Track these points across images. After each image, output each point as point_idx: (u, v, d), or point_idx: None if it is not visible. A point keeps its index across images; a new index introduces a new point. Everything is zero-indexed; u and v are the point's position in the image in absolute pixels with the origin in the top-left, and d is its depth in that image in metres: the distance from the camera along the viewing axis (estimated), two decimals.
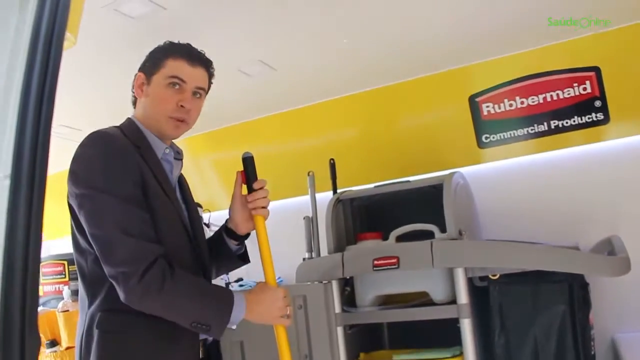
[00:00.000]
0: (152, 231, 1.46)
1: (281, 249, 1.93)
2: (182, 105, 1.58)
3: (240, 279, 2.74)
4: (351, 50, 2.35)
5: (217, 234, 1.74)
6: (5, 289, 0.66)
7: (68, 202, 1.54)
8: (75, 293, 3.05)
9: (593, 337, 2.00)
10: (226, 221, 1.72)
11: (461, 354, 1.98)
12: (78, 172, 1.49)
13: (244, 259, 1.73)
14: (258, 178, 1.65)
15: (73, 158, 1.51)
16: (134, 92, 1.67)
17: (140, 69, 1.65)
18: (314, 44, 2.29)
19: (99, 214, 1.44)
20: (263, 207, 1.66)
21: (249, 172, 1.66)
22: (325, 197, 2.43)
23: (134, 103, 1.69)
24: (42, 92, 0.78)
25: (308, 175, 2.37)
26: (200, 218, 1.77)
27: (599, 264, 1.84)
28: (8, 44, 0.79)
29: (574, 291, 1.88)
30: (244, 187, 1.65)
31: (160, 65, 1.61)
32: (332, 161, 2.53)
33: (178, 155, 1.66)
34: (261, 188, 1.66)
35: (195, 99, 1.62)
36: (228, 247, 1.71)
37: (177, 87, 1.60)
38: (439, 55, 2.50)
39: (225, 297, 1.50)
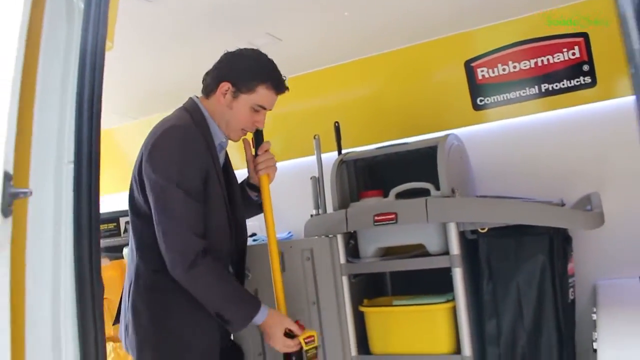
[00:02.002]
0: (202, 224, 1.80)
1: (290, 206, 2.15)
2: (256, 126, 1.96)
3: (254, 234, 2.96)
4: (352, 21, 2.51)
5: (241, 187, 2.09)
6: (76, 247, 0.86)
7: (138, 173, 1.83)
8: (107, 250, 3.30)
9: (572, 285, 2.22)
10: (247, 177, 2.09)
11: (453, 299, 2.21)
12: (156, 159, 1.79)
13: (261, 207, 2.07)
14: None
15: (153, 144, 1.82)
16: (211, 86, 1.93)
17: (229, 79, 1.90)
18: (317, 16, 2.45)
19: (166, 204, 1.77)
20: (268, 167, 2.00)
21: (256, 138, 2.03)
22: (330, 157, 2.62)
23: (208, 91, 1.93)
24: (92, 92, 0.97)
25: (314, 138, 2.56)
26: (237, 186, 2.08)
27: (575, 218, 2.04)
28: (61, 53, 0.98)
29: (554, 243, 2.09)
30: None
31: (251, 89, 1.88)
32: (336, 124, 2.71)
33: (226, 140, 1.98)
34: (265, 151, 2.01)
35: None
36: (250, 198, 2.08)
37: (257, 110, 1.88)
38: (436, 23, 2.65)
39: (251, 307, 1.88)
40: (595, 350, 2.16)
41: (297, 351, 1.93)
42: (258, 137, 2.04)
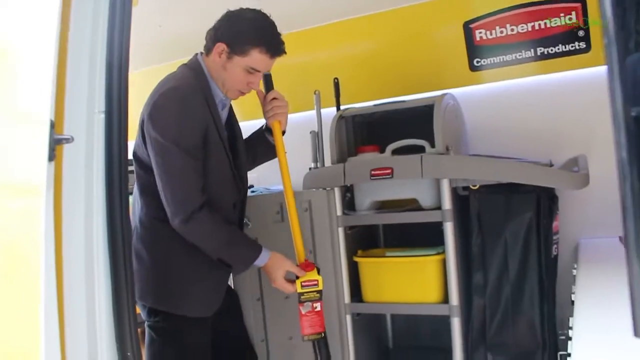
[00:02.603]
0: (201, 181, 1.87)
1: (290, 159, 2.22)
2: (251, 87, 1.98)
3: (252, 186, 3.04)
4: None
5: (259, 132, 2.20)
6: (108, 191, 0.95)
7: (141, 127, 1.91)
8: None
9: (556, 242, 2.34)
10: (266, 123, 2.15)
11: (443, 252, 2.33)
12: (156, 118, 1.85)
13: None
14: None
15: (154, 104, 1.88)
16: (209, 45, 1.96)
17: (224, 40, 1.93)
18: None
19: (165, 161, 1.85)
20: (275, 114, 2.06)
21: (265, 84, 2.07)
22: (329, 112, 2.69)
23: (207, 49, 1.98)
24: (121, 47, 1.04)
25: (314, 94, 2.62)
26: (242, 138, 2.15)
27: (562, 179, 2.15)
28: (89, 11, 1.04)
29: (541, 201, 2.20)
30: None
31: (244, 52, 1.90)
32: (336, 80, 2.76)
33: (226, 98, 2.02)
34: (274, 99, 2.06)
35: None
36: (268, 142, 2.16)
37: (252, 73, 1.91)
38: None
39: (251, 251, 1.99)
40: (573, 303, 2.30)
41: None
42: (267, 82, 2.08)
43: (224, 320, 2.16)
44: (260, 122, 2.20)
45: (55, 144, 0.89)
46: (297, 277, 2.04)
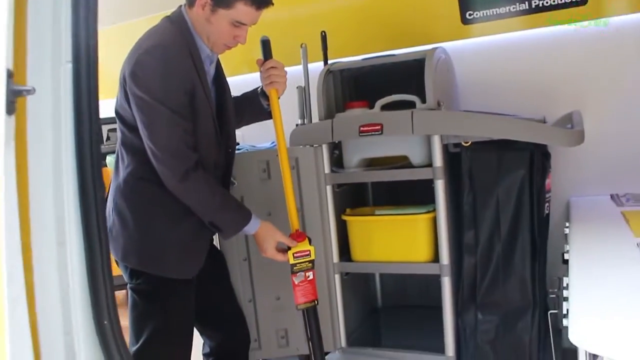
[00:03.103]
0: (192, 139, 1.82)
1: None
2: (237, 41, 1.89)
3: (238, 144, 2.96)
4: None
5: (253, 93, 2.15)
6: (78, 147, 0.87)
7: (122, 85, 1.82)
8: None
9: (548, 200, 2.29)
10: (261, 86, 2.10)
11: (434, 210, 2.28)
12: (140, 76, 1.76)
13: (271, 115, 2.10)
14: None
15: (136, 61, 1.82)
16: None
17: None
18: None
19: (152, 121, 1.78)
20: (273, 82, 2.03)
21: (264, 53, 2.05)
22: (317, 67, 2.59)
23: (190, 1, 1.87)
24: None
25: (301, 47, 2.52)
26: (230, 96, 2.08)
27: (556, 135, 2.09)
28: None
29: (534, 159, 2.14)
30: None
31: (229, 4, 1.81)
32: (323, 33, 2.66)
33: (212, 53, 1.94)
34: (272, 67, 2.02)
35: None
36: (261, 105, 2.12)
37: (237, 26, 1.82)
38: None
39: (242, 217, 1.95)
40: (565, 262, 2.26)
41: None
42: (265, 50, 2.06)
43: (210, 282, 2.11)
44: (248, 78, 2.13)
45: (15, 96, 0.80)
46: (289, 248, 2.00)
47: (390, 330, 2.86)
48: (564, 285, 1.69)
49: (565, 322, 1.55)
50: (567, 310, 1.52)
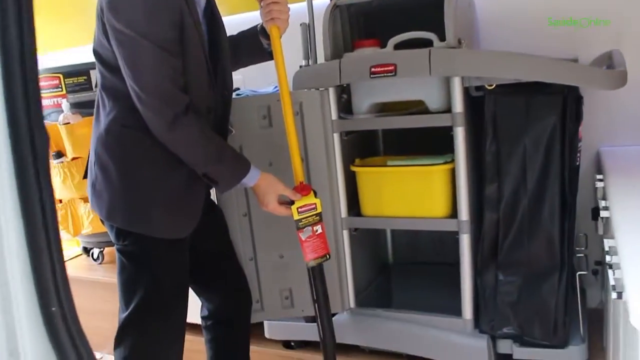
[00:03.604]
0: (182, 79, 1.59)
1: None
2: None
3: (237, 89, 2.74)
4: None
5: (252, 31, 1.93)
6: (7, 96, 0.66)
7: (100, 18, 1.59)
8: (74, 106, 3.08)
9: (580, 149, 2.06)
10: (262, 23, 1.87)
11: (452, 160, 2.06)
12: (119, 7, 1.52)
13: (271, 56, 1.88)
14: None
15: None
16: None
17: None
18: None
19: (136, 59, 1.54)
20: (274, 18, 1.80)
21: None
22: (322, 2, 2.34)
23: None
24: None
25: None
26: (224, 32, 1.85)
27: (595, 77, 1.84)
28: None
29: (567, 104, 1.90)
30: None
31: None
32: None
33: None
34: (273, 2, 1.78)
35: None
36: (260, 44, 1.91)
37: None
38: None
39: (240, 167, 1.75)
40: (595, 217, 2.07)
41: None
42: None
43: (207, 239, 1.91)
44: (247, 17, 1.89)
45: None
46: (292, 202, 1.82)
47: (401, 289, 2.68)
48: (606, 248, 1.48)
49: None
50: (609, 278, 1.33)
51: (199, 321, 2.07)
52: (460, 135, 1.98)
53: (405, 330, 2.24)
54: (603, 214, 1.80)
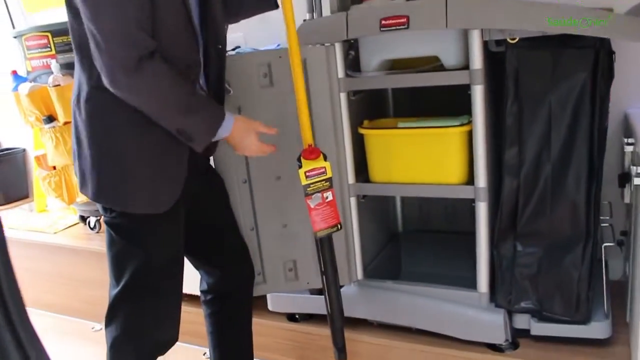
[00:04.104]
0: (149, 20, 1.37)
1: (278, 10, 1.76)
2: None
3: (238, 47, 2.57)
4: None
5: None
6: None
7: None
8: (65, 67, 2.91)
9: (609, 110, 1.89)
10: None
11: (469, 122, 1.90)
12: None
13: (276, 4, 1.74)
14: None
15: None
16: None
17: None
18: None
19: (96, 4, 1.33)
20: None
21: None
22: None
23: None
24: None
25: None
26: None
27: (632, 28, 1.65)
28: None
29: (599, 59, 1.72)
30: None
31: None
32: None
33: None
34: None
35: None
36: None
37: None
38: None
39: (216, 115, 1.54)
40: (622, 184, 1.91)
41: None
42: None
43: (206, 208, 1.77)
44: None
45: None
46: (300, 166, 1.67)
47: (411, 260, 2.55)
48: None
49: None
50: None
51: (197, 292, 1.95)
52: (478, 95, 1.81)
53: (416, 303, 2.11)
54: (636, 181, 1.64)
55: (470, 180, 1.93)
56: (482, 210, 1.91)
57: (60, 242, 3.09)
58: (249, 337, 1.98)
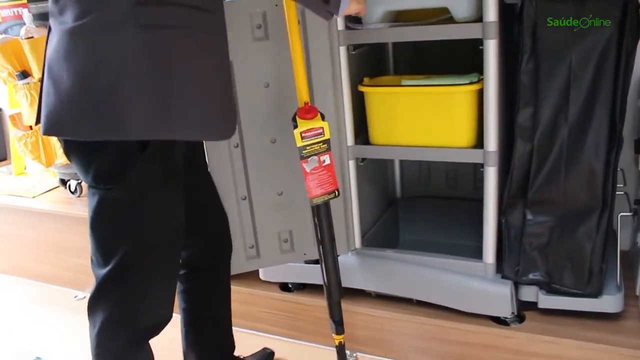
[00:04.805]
0: None
1: None
2: None
3: None
4: None
5: None
6: None
7: None
8: (38, 17, 2.69)
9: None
10: None
11: (479, 81, 1.75)
12: None
13: None
14: None
15: None
16: None
17: None
18: None
19: None
20: None
21: None
22: None
23: None
24: None
25: None
26: None
27: None
28: None
29: (628, 10, 1.57)
30: None
31: None
32: None
33: None
34: None
35: None
36: None
37: None
38: None
39: None
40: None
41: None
42: None
43: (187, 174, 1.58)
44: None
45: None
46: (295, 126, 1.53)
47: (411, 227, 2.43)
48: None
49: None
50: None
51: None
52: (492, 50, 1.66)
53: (417, 273, 1.99)
54: None
55: (479, 143, 1.80)
56: (491, 176, 1.78)
57: (40, 207, 2.92)
58: (226, 315, 1.84)
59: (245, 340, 2.09)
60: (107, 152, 1.29)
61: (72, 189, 3.00)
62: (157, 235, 1.38)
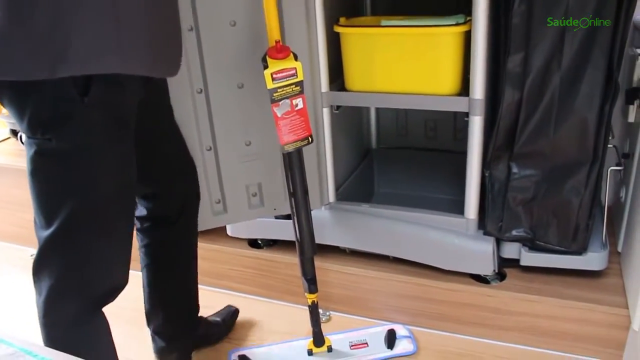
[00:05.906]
0: None
1: None
2: None
3: None
4: None
5: None
6: None
7: None
8: None
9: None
10: None
11: (466, 22, 1.61)
12: None
13: None
14: None
15: None
16: None
17: None
18: None
19: None
20: None
21: None
22: None
23: None
24: None
25: None
26: None
27: None
28: None
29: None
30: None
31: None
32: None
33: None
34: None
35: None
36: None
37: None
38: None
39: None
40: (632, 102, 1.68)
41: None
42: None
43: (147, 115, 1.41)
44: None
45: None
46: (266, 66, 1.39)
47: (388, 180, 2.31)
48: None
49: None
50: None
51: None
52: None
53: (393, 229, 1.88)
54: None
55: (464, 91, 1.67)
56: (476, 126, 1.66)
57: None
58: (193, 272, 1.71)
59: (212, 299, 1.98)
60: (44, 95, 1.12)
61: (23, 140, 2.78)
62: (104, 193, 1.22)
